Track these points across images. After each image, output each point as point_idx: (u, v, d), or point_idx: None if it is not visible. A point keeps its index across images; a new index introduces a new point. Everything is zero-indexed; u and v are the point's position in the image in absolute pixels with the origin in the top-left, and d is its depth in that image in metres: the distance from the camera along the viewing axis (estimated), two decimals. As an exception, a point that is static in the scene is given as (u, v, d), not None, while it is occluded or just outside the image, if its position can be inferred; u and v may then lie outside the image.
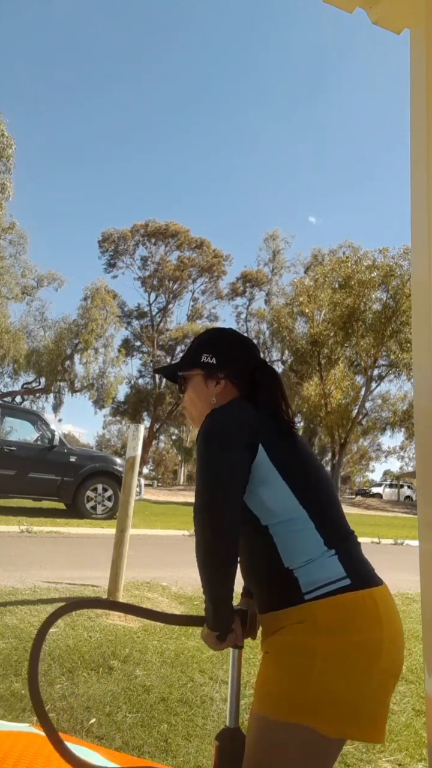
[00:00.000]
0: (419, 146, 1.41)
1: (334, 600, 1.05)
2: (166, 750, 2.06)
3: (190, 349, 1.36)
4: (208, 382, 1.30)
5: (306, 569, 1.08)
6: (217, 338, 1.36)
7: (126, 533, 4.21)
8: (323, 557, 1.08)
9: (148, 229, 34.13)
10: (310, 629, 1.04)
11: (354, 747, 2.20)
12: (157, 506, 15.51)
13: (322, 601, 1.05)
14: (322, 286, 24.28)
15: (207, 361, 1.30)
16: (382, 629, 1.05)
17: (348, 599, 1.05)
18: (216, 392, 1.29)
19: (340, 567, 1.08)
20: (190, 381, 1.33)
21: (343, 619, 1.04)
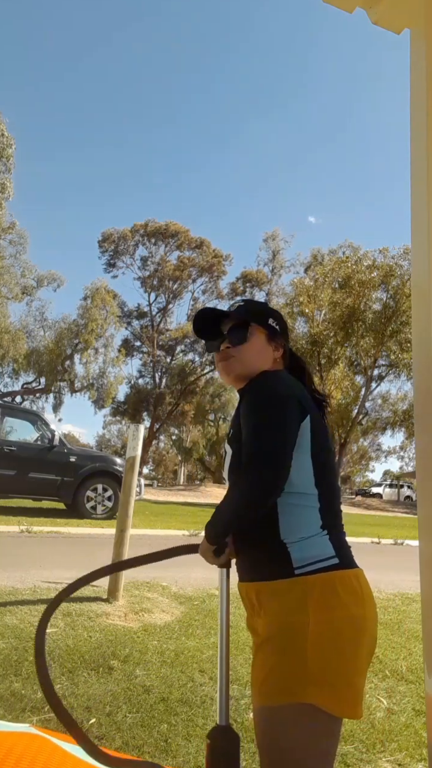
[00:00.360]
0: (419, 146, 1.41)
1: (323, 576, 1.10)
2: (166, 750, 2.06)
3: (253, 307, 1.38)
4: (271, 344, 1.34)
5: (299, 545, 1.13)
6: (276, 313, 1.41)
7: (126, 533, 4.20)
8: (317, 536, 1.14)
9: (147, 229, 34.12)
10: (300, 605, 1.08)
11: (354, 747, 2.20)
12: (157, 506, 15.51)
13: (312, 576, 1.10)
14: (322, 286, 24.26)
15: (273, 325, 1.35)
16: (364, 607, 1.12)
17: (336, 576, 1.11)
18: (277, 356, 1.35)
19: (330, 547, 1.14)
20: (253, 334, 1.33)
21: (331, 595, 1.09)
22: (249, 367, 1.29)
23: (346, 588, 1.11)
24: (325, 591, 1.09)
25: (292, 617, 1.08)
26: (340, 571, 1.12)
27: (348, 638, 1.08)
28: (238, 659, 2.94)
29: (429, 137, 1.37)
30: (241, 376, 1.29)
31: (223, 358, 1.33)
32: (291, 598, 1.10)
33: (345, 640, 1.07)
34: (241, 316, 1.33)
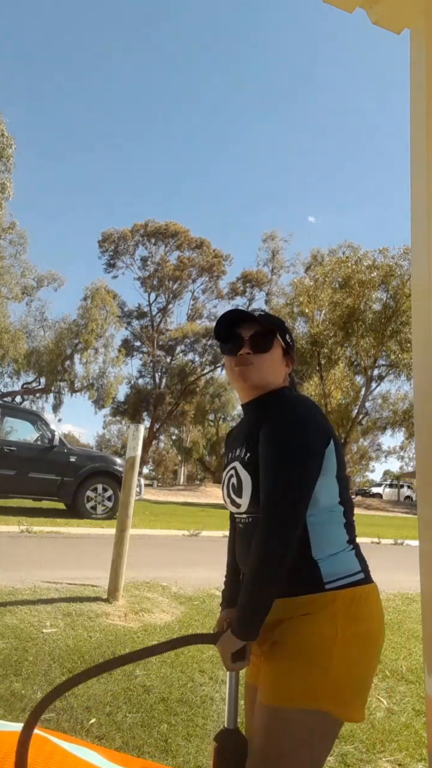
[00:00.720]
0: (419, 146, 1.41)
1: (351, 591, 1.14)
2: (166, 750, 2.06)
3: (276, 320, 1.34)
4: (286, 359, 1.35)
5: (329, 561, 1.15)
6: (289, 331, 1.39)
7: (126, 533, 4.21)
8: (344, 551, 1.18)
9: (147, 229, 34.13)
10: (329, 619, 1.11)
11: (354, 747, 2.20)
12: (157, 506, 15.51)
13: (342, 591, 1.13)
14: (322, 286, 24.27)
15: (290, 342, 1.35)
16: (382, 621, 1.19)
17: (362, 591, 1.15)
18: (287, 372, 1.35)
19: (356, 562, 1.18)
20: (275, 347, 1.30)
21: (357, 610, 1.13)
22: (265, 377, 1.27)
23: (370, 602, 1.16)
24: (352, 605, 1.12)
25: (321, 628, 1.10)
26: (366, 586, 1.16)
27: (370, 652, 1.13)
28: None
29: (429, 137, 1.37)
30: (256, 385, 1.27)
31: (241, 363, 1.27)
32: (320, 611, 1.12)
33: (367, 653, 1.13)
34: (268, 325, 1.30)
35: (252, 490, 1.18)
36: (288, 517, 1.07)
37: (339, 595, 1.12)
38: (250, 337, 1.28)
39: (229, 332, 1.31)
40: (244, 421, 1.34)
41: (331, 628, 1.10)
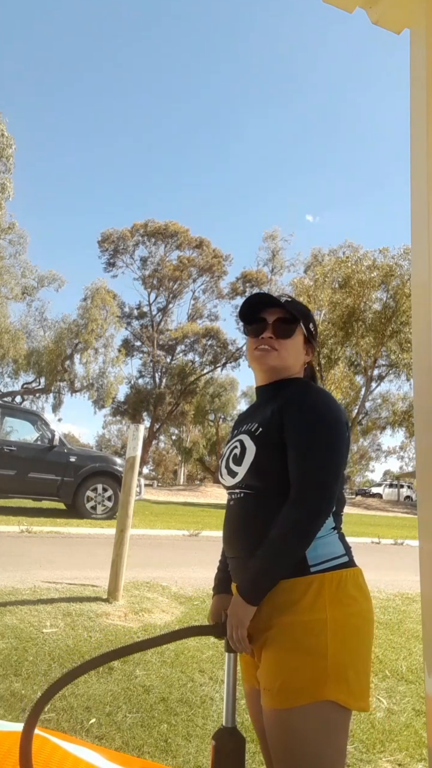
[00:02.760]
0: (419, 146, 1.41)
1: (337, 574, 1.15)
2: (166, 750, 2.06)
3: (301, 307, 1.37)
4: (307, 348, 1.36)
5: (315, 544, 1.15)
6: (314, 318, 1.42)
7: (126, 533, 4.21)
8: (329, 536, 1.19)
9: (147, 228, 34.11)
10: (317, 602, 1.11)
11: (354, 747, 2.20)
12: (157, 506, 15.51)
13: (328, 574, 1.14)
14: (322, 286, 24.26)
15: (313, 330, 1.36)
16: (370, 604, 1.19)
17: (348, 573, 1.17)
18: (307, 359, 1.37)
19: (341, 546, 1.20)
20: (298, 333, 1.33)
21: (344, 592, 1.14)
22: (285, 362, 1.30)
23: (356, 584, 1.17)
24: (339, 588, 1.13)
25: (310, 616, 1.10)
26: (351, 569, 1.18)
27: (363, 633, 1.14)
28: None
29: (429, 137, 1.37)
30: (274, 369, 1.30)
31: (262, 345, 1.30)
32: (307, 594, 1.12)
33: (361, 634, 1.13)
34: (292, 312, 1.32)
35: (253, 461, 1.20)
36: (328, 497, 1.12)
37: (325, 577, 1.13)
38: (273, 322, 1.31)
39: (253, 314, 1.34)
40: (256, 404, 1.38)
41: (321, 613, 1.10)
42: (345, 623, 1.11)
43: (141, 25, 51.80)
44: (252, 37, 55.74)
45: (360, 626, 1.14)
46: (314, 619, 1.10)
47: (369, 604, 1.18)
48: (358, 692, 1.10)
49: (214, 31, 55.11)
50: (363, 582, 1.20)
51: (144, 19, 51.69)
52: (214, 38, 56.39)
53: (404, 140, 1.47)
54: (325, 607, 1.10)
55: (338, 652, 1.08)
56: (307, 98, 60.86)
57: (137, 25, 51.33)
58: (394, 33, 1.57)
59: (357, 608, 1.14)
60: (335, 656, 1.08)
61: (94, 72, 52.96)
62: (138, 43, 53.31)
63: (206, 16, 54.00)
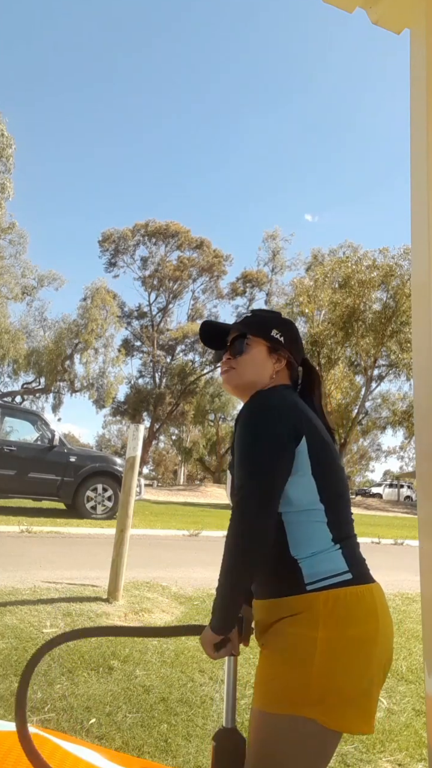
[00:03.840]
0: (419, 146, 1.42)
1: (335, 593, 1.08)
2: (166, 750, 2.06)
3: (256, 319, 1.36)
4: (272, 356, 1.32)
5: (311, 561, 1.11)
6: (285, 321, 1.39)
7: (126, 533, 4.21)
8: (329, 551, 1.12)
9: (148, 228, 34.13)
10: (311, 621, 1.07)
11: (354, 747, 2.20)
12: (157, 506, 15.51)
13: (324, 593, 1.08)
14: (322, 286, 24.27)
15: (276, 337, 1.32)
16: (377, 624, 1.09)
17: (349, 593, 1.09)
18: (276, 369, 1.32)
19: (343, 562, 1.11)
20: (252, 347, 1.32)
21: (343, 612, 1.07)
22: (245, 378, 1.29)
23: (359, 604, 1.09)
24: (337, 608, 1.07)
25: (303, 631, 1.07)
26: (354, 587, 1.10)
27: (357, 656, 1.05)
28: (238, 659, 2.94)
29: (429, 137, 1.37)
30: (239, 387, 1.30)
31: (223, 368, 1.33)
32: (303, 614, 1.08)
33: (354, 658, 1.05)
34: (241, 328, 1.33)
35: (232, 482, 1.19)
36: (250, 507, 1.05)
37: (321, 596, 1.07)
38: (230, 342, 1.34)
39: (219, 340, 1.37)
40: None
41: (312, 631, 1.05)
42: (337, 644, 1.05)
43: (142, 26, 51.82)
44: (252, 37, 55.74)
45: (360, 651, 1.06)
46: (304, 635, 1.06)
47: (374, 625, 1.08)
48: (347, 714, 1.04)
49: (215, 32, 55.12)
50: (372, 601, 1.10)
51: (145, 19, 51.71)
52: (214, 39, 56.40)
53: (404, 140, 1.47)
54: (318, 627, 1.05)
55: (326, 675, 1.03)
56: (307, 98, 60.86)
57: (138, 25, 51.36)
58: (394, 33, 1.58)
59: (356, 630, 1.06)
60: (322, 677, 1.03)
61: (95, 72, 52.97)
62: (138, 43, 53.32)
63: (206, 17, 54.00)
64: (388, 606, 1.16)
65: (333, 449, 1.22)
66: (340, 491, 1.19)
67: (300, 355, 1.36)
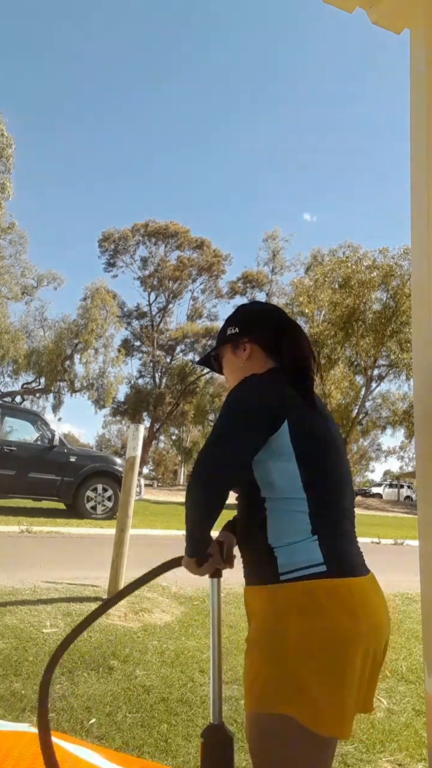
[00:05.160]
0: (419, 146, 1.42)
1: (306, 584, 1.06)
2: (166, 750, 2.06)
3: (220, 331, 1.41)
4: (236, 352, 1.34)
5: (286, 550, 1.09)
6: (240, 310, 1.40)
7: (126, 533, 4.20)
8: (305, 541, 1.09)
9: (148, 228, 34.13)
10: (281, 612, 1.06)
11: (354, 747, 2.20)
12: (157, 506, 15.51)
13: (296, 583, 1.06)
14: (322, 286, 24.27)
15: (232, 333, 1.35)
16: (356, 620, 1.04)
17: (321, 585, 1.05)
18: (243, 358, 1.32)
19: (318, 553, 1.08)
20: (223, 358, 1.38)
21: (313, 604, 1.04)
22: (229, 384, 1.35)
23: (333, 598, 1.04)
24: (306, 600, 1.04)
25: (274, 624, 1.06)
26: (328, 579, 1.06)
27: (332, 651, 1.01)
28: (238, 659, 2.94)
29: (429, 137, 1.37)
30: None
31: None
32: (275, 604, 1.07)
33: (328, 652, 1.01)
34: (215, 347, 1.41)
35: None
36: (206, 469, 1.09)
37: (292, 587, 1.06)
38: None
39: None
40: None
41: (282, 624, 1.04)
42: (308, 638, 1.01)
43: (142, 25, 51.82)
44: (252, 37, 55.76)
45: (327, 642, 1.01)
46: (277, 628, 1.05)
47: (352, 621, 1.03)
48: (327, 714, 1.00)
49: (214, 32, 55.14)
50: (349, 595, 1.06)
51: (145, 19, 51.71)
52: (214, 39, 56.43)
53: (404, 140, 1.47)
54: (288, 618, 1.04)
55: (299, 667, 1.01)
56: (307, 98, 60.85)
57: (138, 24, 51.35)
58: (394, 33, 1.58)
59: (329, 624, 1.02)
60: (296, 672, 1.00)
61: (95, 72, 52.97)
62: (138, 42, 53.33)
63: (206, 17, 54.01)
64: (377, 601, 1.11)
65: (328, 439, 1.18)
66: (330, 485, 1.15)
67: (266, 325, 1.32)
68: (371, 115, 65.89)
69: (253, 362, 1.30)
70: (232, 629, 3.39)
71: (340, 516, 1.15)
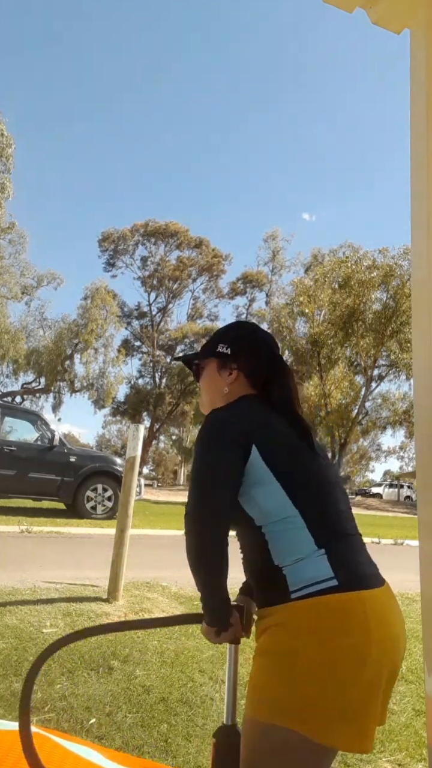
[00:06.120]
0: (419, 146, 1.42)
1: (317, 600, 1.03)
2: (166, 750, 2.06)
3: (210, 339, 1.39)
4: (221, 372, 1.33)
5: (294, 568, 1.08)
6: (236, 330, 1.39)
7: (126, 533, 4.21)
8: (312, 556, 1.07)
9: (147, 228, 34.14)
10: (293, 630, 1.04)
11: (354, 747, 2.20)
12: (157, 506, 15.51)
13: (307, 601, 1.04)
14: (322, 286, 24.27)
15: (222, 351, 1.33)
16: (369, 635, 1.01)
17: (333, 600, 1.03)
18: (228, 382, 1.31)
19: (327, 567, 1.06)
20: (205, 369, 1.37)
21: (325, 621, 1.02)
22: (205, 401, 1.36)
23: (345, 613, 1.02)
24: (318, 617, 1.02)
25: (286, 641, 1.04)
26: (339, 594, 1.03)
27: (342, 668, 1.00)
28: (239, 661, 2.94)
29: (429, 137, 1.37)
30: (206, 410, 1.32)
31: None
32: (287, 623, 1.06)
33: (338, 669, 0.99)
34: (195, 356, 1.40)
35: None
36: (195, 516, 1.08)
37: (304, 604, 1.04)
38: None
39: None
40: None
41: (294, 641, 1.02)
42: (321, 655, 1.00)
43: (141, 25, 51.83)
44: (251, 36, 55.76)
45: (339, 660, 1.00)
46: (288, 646, 1.03)
47: (364, 636, 1.00)
48: (334, 729, 0.99)
49: (214, 31, 55.14)
50: (362, 609, 1.03)
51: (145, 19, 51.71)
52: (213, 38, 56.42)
53: (404, 140, 1.47)
54: (299, 636, 1.02)
55: (309, 686, 0.99)
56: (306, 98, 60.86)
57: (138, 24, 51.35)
58: (394, 33, 1.57)
59: (340, 641, 1.00)
60: (305, 688, 0.99)
61: (95, 70, 52.98)
62: (138, 42, 53.34)
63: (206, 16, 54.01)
64: (393, 613, 1.09)
65: (302, 449, 1.18)
66: (320, 490, 1.15)
67: (258, 358, 1.32)
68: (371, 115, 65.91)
69: (235, 389, 1.30)
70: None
71: (337, 519, 1.14)
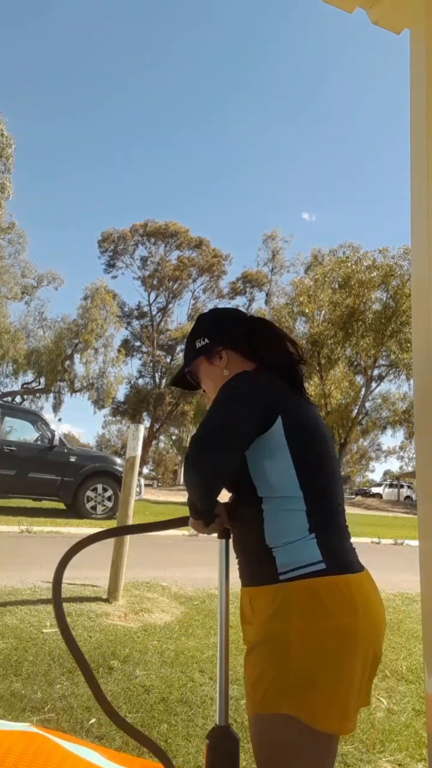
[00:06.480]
0: (419, 146, 1.41)
1: (306, 583, 1.05)
2: (166, 750, 2.06)
3: (186, 346, 1.39)
4: (213, 361, 1.32)
5: (284, 549, 1.09)
6: (202, 321, 1.39)
7: (126, 533, 4.20)
8: (303, 540, 1.09)
9: (147, 228, 34.15)
10: (282, 614, 1.05)
11: (354, 747, 2.20)
12: (157, 506, 15.51)
13: (295, 583, 1.06)
14: (322, 286, 24.28)
15: (201, 345, 1.33)
16: (356, 616, 1.04)
17: (321, 583, 1.05)
18: (223, 365, 1.31)
19: (317, 551, 1.08)
20: (199, 371, 1.36)
21: (314, 603, 1.04)
22: (213, 392, 1.33)
23: (332, 595, 1.05)
24: (307, 598, 1.04)
25: (274, 625, 1.05)
26: (327, 577, 1.06)
27: (333, 649, 1.02)
28: (238, 659, 2.94)
29: (429, 137, 1.37)
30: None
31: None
32: (275, 605, 1.06)
33: (329, 650, 1.02)
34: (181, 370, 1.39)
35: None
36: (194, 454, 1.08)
37: (292, 586, 1.05)
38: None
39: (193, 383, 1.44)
40: None
41: (284, 624, 1.04)
42: (309, 637, 1.02)
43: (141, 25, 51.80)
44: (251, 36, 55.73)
45: (329, 641, 1.02)
46: (277, 628, 1.04)
47: (352, 618, 1.04)
48: (329, 712, 1.00)
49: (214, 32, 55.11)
50: (349, 592, 1.06)
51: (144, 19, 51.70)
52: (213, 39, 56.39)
53: (404, 140, 1.47)
54: (290, 618, 1.03)
55: (300, 666, 1.01)
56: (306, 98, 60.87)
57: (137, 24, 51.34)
58: (394, 33, 1.57)
59: (330, 622, 1.02)
60: (297, 670, 1.01)
61: (95, 71, 52.97)
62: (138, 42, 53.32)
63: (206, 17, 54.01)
64: (375, 598, 1.12)
65: (320, 435, 1.18)
66: (325, 482, 1.15)
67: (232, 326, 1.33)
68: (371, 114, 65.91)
69: (234, 368, 1.29)
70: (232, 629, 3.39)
71: (335, 512, 1.16)
